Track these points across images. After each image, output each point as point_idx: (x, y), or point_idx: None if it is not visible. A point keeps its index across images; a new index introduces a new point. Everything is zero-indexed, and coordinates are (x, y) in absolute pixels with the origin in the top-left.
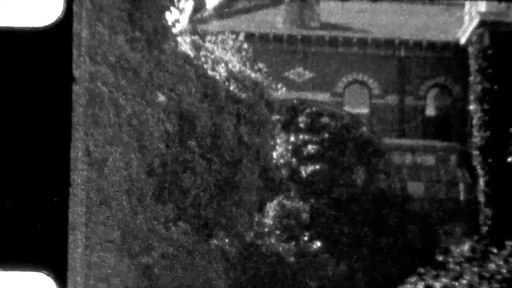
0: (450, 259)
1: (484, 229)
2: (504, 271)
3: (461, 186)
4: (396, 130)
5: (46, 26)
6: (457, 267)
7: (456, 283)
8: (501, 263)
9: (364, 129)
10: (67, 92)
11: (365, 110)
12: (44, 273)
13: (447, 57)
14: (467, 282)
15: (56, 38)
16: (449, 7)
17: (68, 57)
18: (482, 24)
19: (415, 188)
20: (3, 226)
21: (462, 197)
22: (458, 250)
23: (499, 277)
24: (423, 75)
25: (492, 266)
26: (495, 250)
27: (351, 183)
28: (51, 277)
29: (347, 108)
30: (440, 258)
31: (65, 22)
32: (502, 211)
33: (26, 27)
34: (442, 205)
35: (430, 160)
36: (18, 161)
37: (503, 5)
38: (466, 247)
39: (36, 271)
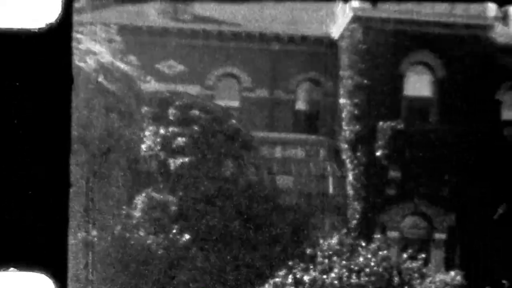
0: (319, 252)
1: (353, 222)
2: (373, 264)
3: (330, 180)
4: (266, 124)
5: (44, 27)
6: (326, 260)
7: (325, 276)
8: (369, 256)
9: (234, 122)
10: (67, 92)
11: (235, 103)
12: (44, 273)
13: (319, 52)
14: (336, 275)
15: (54, 39)
16: (323, 1)
17: (67, 58)
18: (355, 19)
19: (285, 181)
20: (3, 226)
21: (331, 191)
22: (326, 243)
23: (367, 270)
24: (295, 69)
25: (360, 260)
26: (363, 244)
27: (220, 176)
28: (50, 278)
29: (218, 101)
30: (309, 251)
31: (63, 24)
32: (370, 205)
33: (24, 29)
34: (311, 199)
35: (299, 153)
36: (18, 161)
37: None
38: (334, 240)
39: (35, 271)
